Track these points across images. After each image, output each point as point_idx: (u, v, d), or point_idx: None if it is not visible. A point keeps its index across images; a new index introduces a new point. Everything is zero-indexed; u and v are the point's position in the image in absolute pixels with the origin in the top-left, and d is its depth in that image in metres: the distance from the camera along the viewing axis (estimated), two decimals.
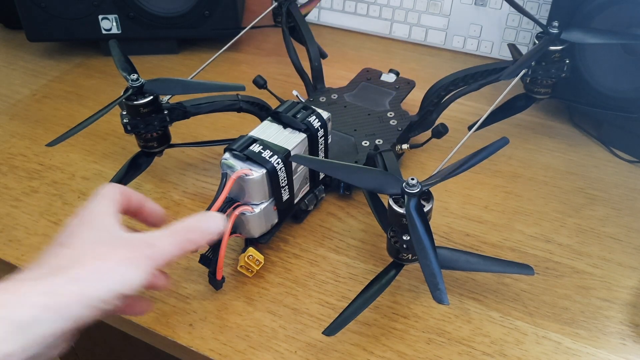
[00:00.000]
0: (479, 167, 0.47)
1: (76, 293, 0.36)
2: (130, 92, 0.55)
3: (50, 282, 0.36)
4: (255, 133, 0.53)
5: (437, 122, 0.62)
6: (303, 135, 0.53)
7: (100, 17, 0.83)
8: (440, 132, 0.60)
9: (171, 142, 0.62)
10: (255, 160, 0.49)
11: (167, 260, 0.41)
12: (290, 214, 0.57)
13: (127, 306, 0.46)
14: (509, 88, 0.58)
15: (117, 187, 0.45)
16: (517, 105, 0.68)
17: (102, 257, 0.39)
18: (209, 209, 0.47)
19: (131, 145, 0.64)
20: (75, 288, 0.37)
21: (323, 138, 0.56)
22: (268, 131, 0.53)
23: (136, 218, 0.47)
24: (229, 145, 0.51)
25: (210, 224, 0.44)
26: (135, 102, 0.56)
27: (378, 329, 0.50)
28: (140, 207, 0.47)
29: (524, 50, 0.69)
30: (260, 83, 0.66)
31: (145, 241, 0.41)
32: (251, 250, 0.52)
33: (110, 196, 0.44)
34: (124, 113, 0.57)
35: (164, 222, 0.48)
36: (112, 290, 0.38)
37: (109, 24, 0.83)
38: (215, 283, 0.51)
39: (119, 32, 0.84)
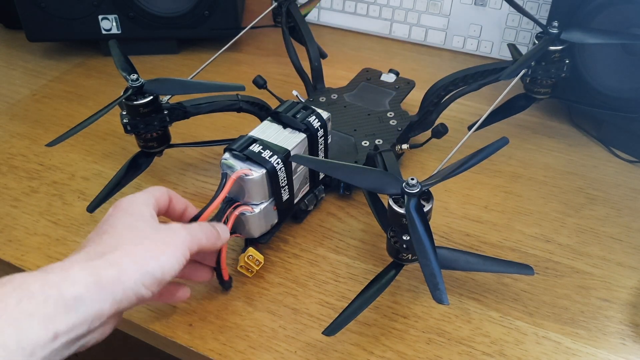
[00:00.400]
0: (479, 167, 0.47)
1: (115, 277, 0.37)
2: (130, 92, 0.55)
3: (91, 265, 0.37)
4: (255, 133, 0.53)
5: (437, 122, 0.62)
6: (303, 135, 0.53)
7: (100, 17, 0.83)
8: (440, 132, 0.60)
9: (171, 142, 0.62)
10: (255, 160, 0.49)
11: (200, 246, 0.43)
12: (290, 214, 0.57)
13: (166, 292, 0.48)
14: (509, 88, 0.58)
15: (161, 188, 0.47)
16: (517, 105, 0.68)
17: (140, 243, 0.40)
18: (206, 208, 0.48)
19: (131, 145, 0.64)
20: (114, 271, 0.38)
21: (323, 138, 0.56)
22: (268, 131, 0.53)
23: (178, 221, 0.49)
24: (229, 145, 0.51)
25: (225, 233, 0.47)
26: (135, 102, 0.56)
27: (378, 329, 0.50)
28: (185, 210, 0.49)
29: (523, 50, 0.69)
30: (260, 83, 0.66)
31: (182, 227, 0.43)
32: (251, 250, 0.52)
33: (151, 192, 0.46)
34: (124, 113, 0.57)
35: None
36: (149, 274, 0.39)
37: (108, 24, 0.83)
38: (224, 283, 0.51)
39: (119, 32, 0.84)
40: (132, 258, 0.39)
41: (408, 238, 0.46)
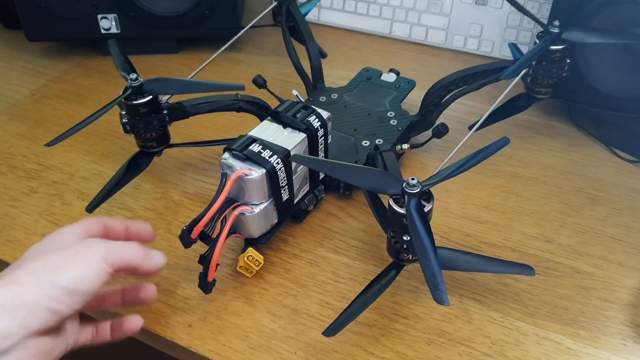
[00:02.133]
0: (479, 167, 0.46)
1: (13, 293, 0.36)
2: (129, 91, 0.55)
3: None
4: (254, 133, 0.53)
5: (438, 122, 0.62)
6: (303, 135, 0.53)
7: (99, 16, 0.83)
8: (441, 132, 0.59)
9: (170, 142, 0.62)
10: (255, 160, 0.49)
11: (124, 259, 0.41)
12: (290, 214, 0.57)
13: (128, 295, 0.46)
14: (510, 88, 0.58)
15: (92, 219, 0.46)
16: (518, 105, 0.68)
17: (43, 259, 0.39)
18: (208, 209, 0.47)
19: (130, 145, 0.64)
20: (12, 288, 0.36)
21: (323, 138, 0.55)
22: (268, 131, 0.53)
23: (127, 239, 0.47)
24: (229, 145, 0.50)
25: (159, 257, 0.45)
26: (134, 102, 0.56)
27: (378, 330, 0.50)
28: (125, 229, 0.47)
29: (524, 49, 0.69)
30: (260, 83, 0.66)
31: (97, 241, 0.41)
32: (251, 251, 0.51)
33: (81, 222, 0.45)
34: (123, 113, 0.57)
35: (153, 235, 0.49)
36: (55, 287, 0.37)
37: (108, 23, 0.83)
38: (205, 286, 0.49)
39: (119, 31, 0.84)
40: (31, 272, 0.37)
41: (408, 238, 0.46)
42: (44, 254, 0.39)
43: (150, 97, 0.56)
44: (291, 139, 0.52)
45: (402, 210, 0.44)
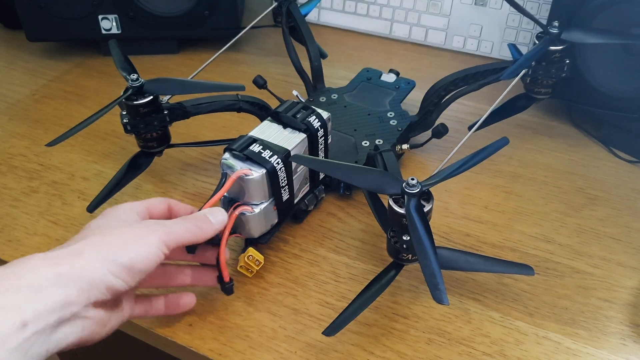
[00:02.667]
0: (479, 167, 0.47)
1: (77, 265, 0.37)
2: (130, 92, 0.55)
3: (52, 256, 0.38)
4: (255, 133, 0.53)
5: (437, 122, 0.62)
6: (303, 135, 0.53)
7: (100, 17, 0.83)
8: (440, 132, 0.60)
9: (171, 142, 0.62)
10: (255, 160, 0.49)
11: (179, 241, 0.42)
12: (290, 214, 0.57)
13: (171, 302, 0.48)
14: (509, 88, 0.58)
15: (159, 198, 0.48)
16: (518, 105, 0.68)
17: (107, 234, 0.41)
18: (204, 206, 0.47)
19: (131, 145, 0.64)
20: (76, 260, 0.38)
21: (323, 138, 0.55)
22: (268, 131, 0.53)
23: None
24: (229, 145, 0.50)
25: (218, 216, 0.46)
26: (135, 102, 0.56)
27: (378, 329, 0.50)
28: (169, 209, 0.49)
29: (524, 50, 0.69)
30: (260, 83, 0.66)
31: (156, 222, 0.43)
32: (251, 251, 0.51)
33: (146, 200, 0.47)
34: (124, 113, 0.57)
35: None
36: (115, 262, 0.38)
37: (108, 23, 0.83)
38: (224, 287, 0.49)
39: (119, 32, 0.84)
40: (95, 247, 0.39)
41: (408, 238, 0.46)
42: (108, 229, 0.42)
43: (151, 97, 0.56)
44: (291, 139, 0.52)
45: (401, 210, 0.45)
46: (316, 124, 0.54)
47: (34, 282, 0.35)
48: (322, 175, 0.59)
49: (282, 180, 0.51)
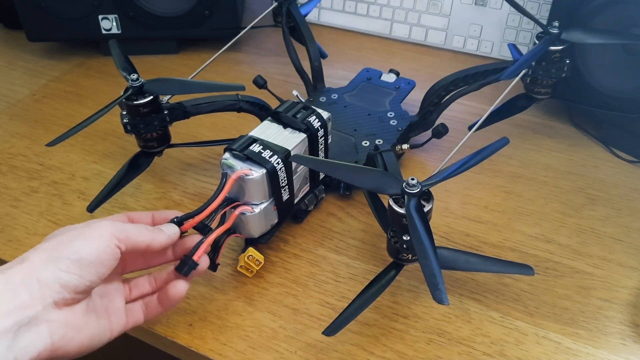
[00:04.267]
0: (479, 167, 0.47)
1: (22, 270, 0.37)
2: (130, 92, 0.55)
3: (3, 267, 0.38)
4: (255, 133, 0.53)
5: (437, 122, 0.62)
6: (303, 135, 0.53)
7: (100, 17, 0.83)
8: (440, 132, 0.60)
9: (171, 142, 0.62)
10: (255, 160, 0.49)
11: (130, 238, 0.42)
12: (290, 214, 0.57)
13: (162, 295, 0.46)
14: (509, 88, 0.58)
15: (118, 215, 0.47)
16: (518, 106, 0.68)
17: (52, 238, 0.40)
18: (206, 207, 0.47)
19: (131, 145, 0.64)
20: (21, 266, 0.38)
21: (323, 138, 0.55)
22: (268, 131, 0.53)
23: None
24: (229, 145, 0.50)
25: (170, 229, 0.46)
26: (135, 102, 0.56)
27: (378, 329, 0.50)
28: (152, 219, 0.48)
29: (524, 50, 0.69)
30: (260, 83, 0.66)
31: (106, 219, 0.42)
32: (251, 251, 0.52)
33: (105, 219, 0.44)
34: (124, 113, 0.57)
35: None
36: (63, 258, 0.38)
37: (109, 24, 0.83)
38: (185, 265, 0.47)
39: (119, 32, 0.84)
40: (40, 251, 0.39)
41: (408, 238, 0.46)
42: (56, 237, 0.41)
43: (151, 97, 0.56)
44: (291, 139, 0.52)
45: (402, 210, 0.45)
46: (316, 124, 0.54)
47: None
48: (322, 175, 0.59)
49: (282, 180, 0.51)
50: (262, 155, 0.49)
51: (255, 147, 0.50)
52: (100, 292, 0.44)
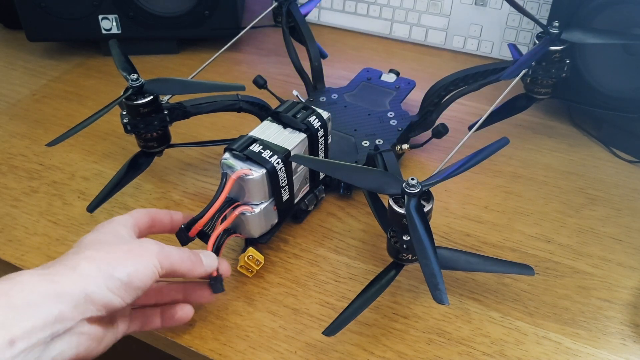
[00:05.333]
0: (479, 167, 0.46)
1: (73, 280, 0.37)
2: (130, 92, 0.55)
3: (46, 272, 0.37)
4: (255, 133, 0.53)
5: (437, 122, 0.62)
6: (303, 135, 0.53)
7: (100, 17, 0.83)
8: (441, 132, 0.60)
9: (171, 142, 0.62)
10: (255, 160, 0.49)
11: (173, 266, 0.42)
12: (290, 214, 0.57)
13: (167, 315, 0.47)
14: (509, 88, 0.58)
15: (140, 210, 0.47)
16: (518, 106, 0.68)
17: (103, 250, 0.40)
18: (208, 208, 0.47)
19: (131, 145, 0.64)
20: (72, 275, 0.37)
21: (323, 138, 0.55)
22: (268, 131, 0.53)
23: (171, 232, 0.49)
24: (229, 145, 0.51)
25: (209, 259, 0.46)
26: (135, 102, 0.56)
27: (378, 329, 0.50)
28: (170, 220, 0.49)
29: (524, 50, 0.69)
30: (260, 83, 0.66)
31: (153, 242, 0.42)
32: (251, 251, 0.52)
33: (132, 213, 0.46)
34: (124, 113, 0.57)
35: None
36: (113, 278, 0.38)
37: (109, 23, 0.83)
38: (215, 283, 0.48)
39: (119, 32, 0.84)
40: (92, 262, 0.38)
41: (408, 238, 0.46)
42: (103, 245, 0.41)
43: (151, 97, 0.56)
44: (291, 139, 0.52)
45: (402, 210, 0.45)
46: (316, 124, 0.54)
47: (25, 299, 0.35)
48: (322, 175, 0.59)
49: (282, 180, 0.51)
50: (262, 155, 0.49)
51: (255, 147, 0.50)
52: None
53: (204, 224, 0.48)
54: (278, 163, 0.50)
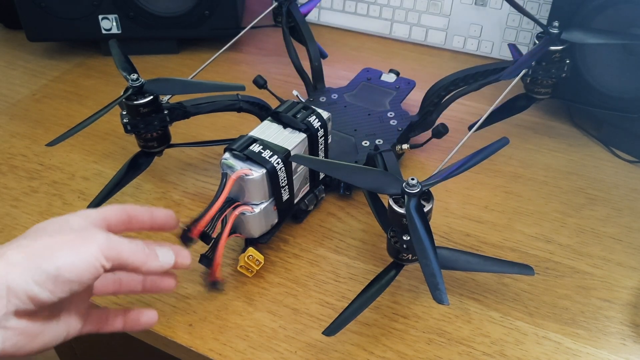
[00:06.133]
0: (479, 167, 0.47)
1: (7, 270, 0.34)
2: (130, 92, 0.55)
3: None
4: (255, 133, 0.53)
5: (437, 122, 0.62)
6: (303, 135, 0.53)
7: (100, 17, 0.83)
8: (441, 132, 0.60)
9: (171, 142, 0.62)
10: (255, 160, 0.49)
11: (121, 258, 0.38)
12: (290, 214, 0.57)
13: (129, 319, 0.44)
14: (509, 88, 0.58)
15: (115, 206, 0.43)
16: (518, 106, 0.68)
17: (39, 239, 0.37)
18: (208, 209, 0.47)
19: (131, 145, 0.64)
20: (2, 264, 0.34)
21: (323, 138, 0.55)
22: (268, 131, 0.53)
23: (151, 229, 0.46)
24: (229, 145, 0.51)
25: (166, 255, 0.42)
26: (135, 102, 0.56)
27: (378, 329, 0.50)
28: (150, 218, 0.45)
29: (524, 50, 0.69)
30: (260, 83, 0.66)
31: (101, 232, 0.39)
32: (251, 250, 0.52)
33: (102, 208, 0.42)
34: (124, 113, 0.57)
35: (176, 222, 0.47)
36: (40, 270, 0.35)
37: (109, 23, 0.83)
38: (214, 284, 0.50)
39: (119, 32, 0.84)
40: (21, 250, 0.35)
41: (408, 238, 0.46)
42: (44, 235, 0.38)
43: (151, 97, 0.56)
44: (291, 139, 0.52)
45: (402, 210, 0.45)
46: (316, 124, 0.54)
47: None
48: (322, 175, 0.59)
49: (282, 180, 0.51)
50: (262, 155, 0.49)
51: (255, 147, 0.50)
52: (69, 298, 0.39)
53: (205, 225, 0.48)
54: (278, 163, 0.50)
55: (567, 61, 0.63)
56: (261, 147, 0.50)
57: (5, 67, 0.86)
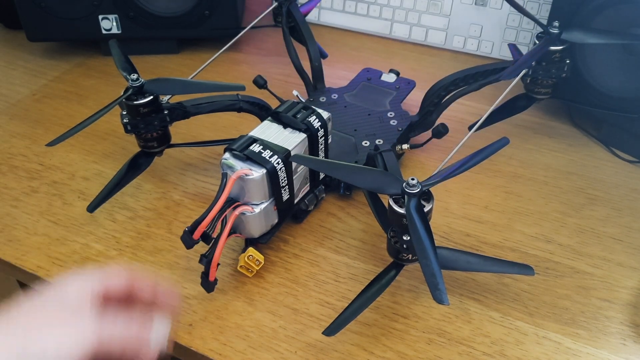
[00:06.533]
0: (479, 167, 0.46)
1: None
2: (130, 92, 0.55)
3: None
4: (255, 133, 0.53)
5: (437, 122, 0.62)
6: (303, 135, 0.53)
7: (100, 17, 0.83)
8: (441, 132, 0.60)
9: (171, 142, 0.62)
10: (255, 160, 0.49)
11: (110, 348, 0.36)
12: (290, 214, 0.57)
13: None
14: (510, 88, 0.58)
15: (120, 270, 0.41)
16: (518, 106, 0.68)
17: (42, 319, 0.36)
18: (209, 209, 0.47)
19: (131, 145, 0.64)
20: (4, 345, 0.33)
21: (323, 138, 0.55)
22: (268, 131, 0.53)
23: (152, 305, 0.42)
24: (229, 145, 0.51)
25: (159, 331, 0.39)
26: (135, 102, 0.56)
27: (378, 329, 0.50)
28: (153, 293, 0.42)
29: (524, 50, 0.69)
30: (260, 83, 0.66)
31: (91, 319, 0.37)
32: (251, 250, 0.52)
33: (101, 274, 0.40)
34: (124, 113, 0.57)
35: (179, 299, 0.45)
36: (27, 353, 0.34)
37: (109, 23, 0.83)
38: (207, 285, 0.49)
39: (119, 32, 0.84)
40: (6, 331, 0.34)
41: (408, 238, 0.46)
42: (36, 311, 0.37)
43: (151, 97, 0.56)
44: (291, 139, 0.52)
45: (402, 210, 0.45)
46: (316, 124, 0.54)
47: None
48: (322, 175, 0.59)
49: (282, 180, 0.51)
50: (262, 155, 0.49)
51: (255, 147, 0.50)
52: None
53: (206, 226, 0.48)
54: (278, 163, 0.50)
55: (567, 61, 0.63)
56: (261, 147, 0.50)
57: (5, 67, 0.86)
